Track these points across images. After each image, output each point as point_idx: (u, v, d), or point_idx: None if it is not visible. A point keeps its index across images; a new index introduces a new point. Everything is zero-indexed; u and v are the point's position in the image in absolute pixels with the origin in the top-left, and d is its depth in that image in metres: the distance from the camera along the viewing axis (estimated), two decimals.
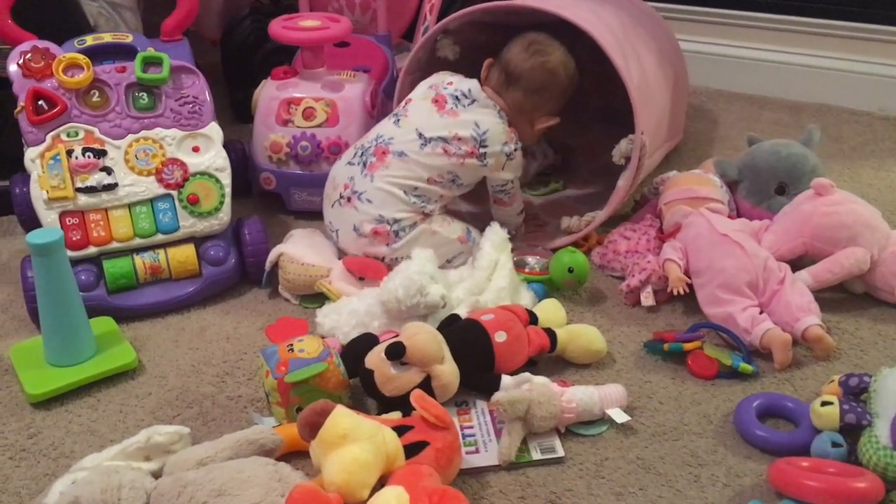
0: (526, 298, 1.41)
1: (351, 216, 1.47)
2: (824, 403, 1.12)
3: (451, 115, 1.47)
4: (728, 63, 2.35)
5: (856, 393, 1.15)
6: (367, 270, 1.43)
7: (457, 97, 1.49)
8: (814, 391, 1.24)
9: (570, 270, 1.44)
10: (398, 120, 1.51)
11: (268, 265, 1.48)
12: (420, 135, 1.46)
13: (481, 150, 1.46)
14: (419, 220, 1.46)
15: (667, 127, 1.76)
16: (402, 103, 1.55)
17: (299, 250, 1.47)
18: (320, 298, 1.43)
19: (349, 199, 1.47)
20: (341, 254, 1.51)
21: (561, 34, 1.54)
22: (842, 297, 1.45)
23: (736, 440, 1.16)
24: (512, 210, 1.59)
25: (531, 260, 1.53)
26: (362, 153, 1.50)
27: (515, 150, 1.50)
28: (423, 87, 1.55)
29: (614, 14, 1.67)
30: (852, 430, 1.09)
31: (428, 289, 1.29)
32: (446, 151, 1.45)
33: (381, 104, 1.80)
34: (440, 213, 1.50)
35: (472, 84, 1.50)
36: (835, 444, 1.08)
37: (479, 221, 1.55)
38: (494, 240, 1.45)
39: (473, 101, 1.49)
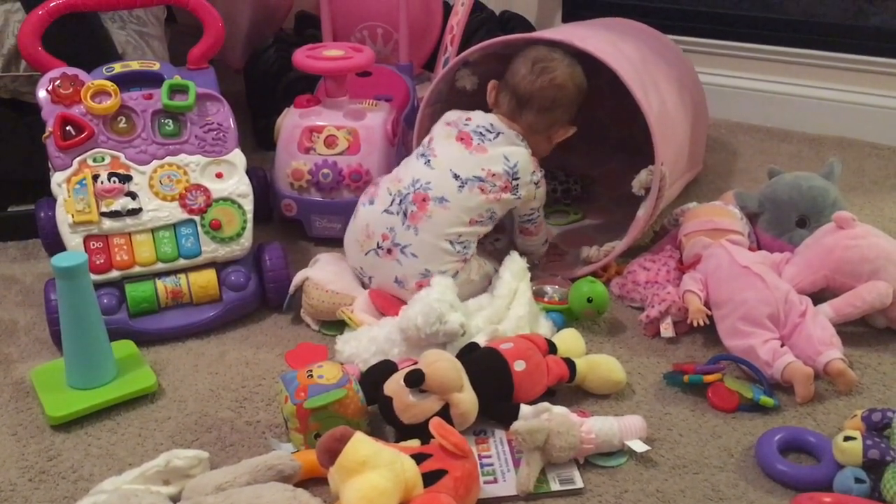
0: (545, 328, 1.41)
1: (392, 268, 1.44)
2: (847, 438, 1.10)
3: (481, 152, 1.46)
4: (747, 96, 2.35)
5: (879, 428, 1.13)
6: (392, 309, 1.41)
7: (481, 133, 1.48)
8: (836, 426, 1.22)
9: (590, 300, 1.43)
10: (428, 160, 1.48)
11: (292, 289, 1.48)
12: (456, 176, 1.44)
13: (514, 183, 1.46)
14: (460, 269, 1.44)
15: (686, 158, 1.76)
16: (426, 141, 1.53)
17: (325, 276, 1.47)
18: (340, 325, 1.43)
19: (389, 251, 1.44)
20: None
21: (581, 66, 1.55)
22: (863, 331, 1.44)
23: (757, 474, 1.15)
24: (538, 240, 1.59)
25: (550, 289, 1.53)
26: (401, 200, 1.45)
27: (541, 177, 1.51)
28: (440, 125, 1.53)
29: (634, 46, 1.68)
30: (875, 466, 1.08)
31: (447, 317, 1.29)
32: (483, 190, 1.44)
33: (403, 133, 1.82)
34: (475, 254, 1.47)
35: (491, 118, 1.51)
36: (858, 480, 1.07)
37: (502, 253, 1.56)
38: (514, 269, 1.45)
39: (498, 133, 1.48)
